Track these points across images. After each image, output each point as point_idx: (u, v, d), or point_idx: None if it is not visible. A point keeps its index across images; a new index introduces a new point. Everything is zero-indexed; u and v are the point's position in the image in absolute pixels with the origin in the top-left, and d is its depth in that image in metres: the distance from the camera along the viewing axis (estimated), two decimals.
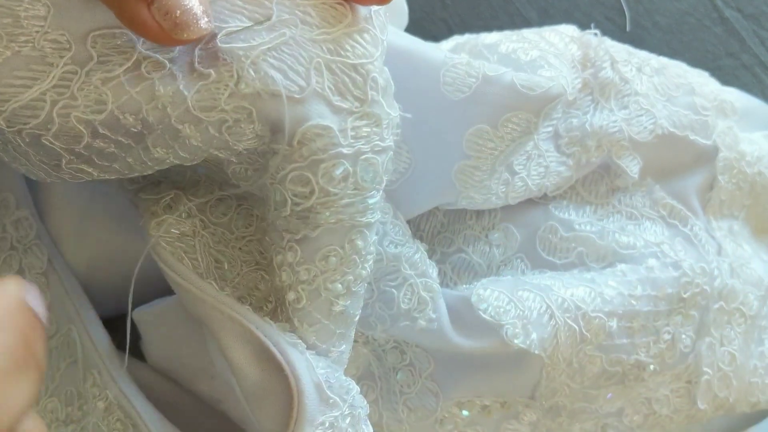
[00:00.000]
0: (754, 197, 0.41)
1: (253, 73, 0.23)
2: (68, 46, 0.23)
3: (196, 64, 0.23)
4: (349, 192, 0.25)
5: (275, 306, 0.28)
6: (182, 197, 0.28)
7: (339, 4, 0.24)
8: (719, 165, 0.39)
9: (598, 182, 0.38)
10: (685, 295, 0.36)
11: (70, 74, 0.23)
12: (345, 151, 0.24)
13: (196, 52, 0.23)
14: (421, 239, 0.36)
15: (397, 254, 0.32)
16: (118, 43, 0.23)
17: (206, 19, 0.22)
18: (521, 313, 0.32)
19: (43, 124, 0.23)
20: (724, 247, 0.38)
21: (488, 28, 0.43)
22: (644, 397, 0.37)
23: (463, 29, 0.48)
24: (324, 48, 0.24)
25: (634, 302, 0.34)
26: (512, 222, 0.37)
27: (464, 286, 0.35)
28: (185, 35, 0.22)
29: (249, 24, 0.23)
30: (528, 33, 0.37)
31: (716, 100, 0.40)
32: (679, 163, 0.39)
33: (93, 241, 0.34)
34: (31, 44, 0.23)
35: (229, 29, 0.23)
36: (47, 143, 0.24)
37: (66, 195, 0.34)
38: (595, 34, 0.38)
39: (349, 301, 0.27)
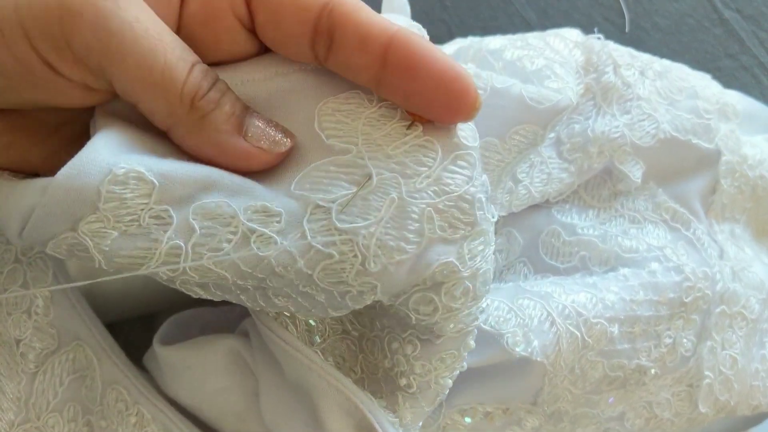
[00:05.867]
0: (756, 200, 0.41)
1: (379, 251, 0.22)
2: (171, 220, 0.22)
3: (312, 242, 0.22)
4: (468, 304, 0.25)
5: (360, 377, 0.29)
6: None
7: (427, 140, 0.23)
8: (722, 169, 0.39)
9: (600, 186, 0.38)
10: (686, 300, 0.35)
11: (176, 249, 0.22)
12: (465, 273, 0.24)
13: (306, 225, 0.22)
14: None
15: None
16: (219, 212, 0.22)
17: (288, 140, 0.23)
18: (522, 321, 0.32)
19: None
20: (725, 251, 0.38)
21: (487, 29, 0.43)
22: (645, 401, 0.37)
23: (462, 30, 0.48)
24: (429, 193, 0.23)
25: (635, 307, 0.34)
26: (515, 226, 0.37)
27: None
28: (276, 151, 0.23)
29: (354, 190, 0.23)
30: (532, 38, 0.36)
31: (718, 104, 0.40)
32: (682, 167, 0.38)
33: None
34: (137, 223, 0.22)
35: (339, 201, 0.22)
36: None
37: None
38: (598, 38, 0.38)
39: (449, 389, 0.28)
